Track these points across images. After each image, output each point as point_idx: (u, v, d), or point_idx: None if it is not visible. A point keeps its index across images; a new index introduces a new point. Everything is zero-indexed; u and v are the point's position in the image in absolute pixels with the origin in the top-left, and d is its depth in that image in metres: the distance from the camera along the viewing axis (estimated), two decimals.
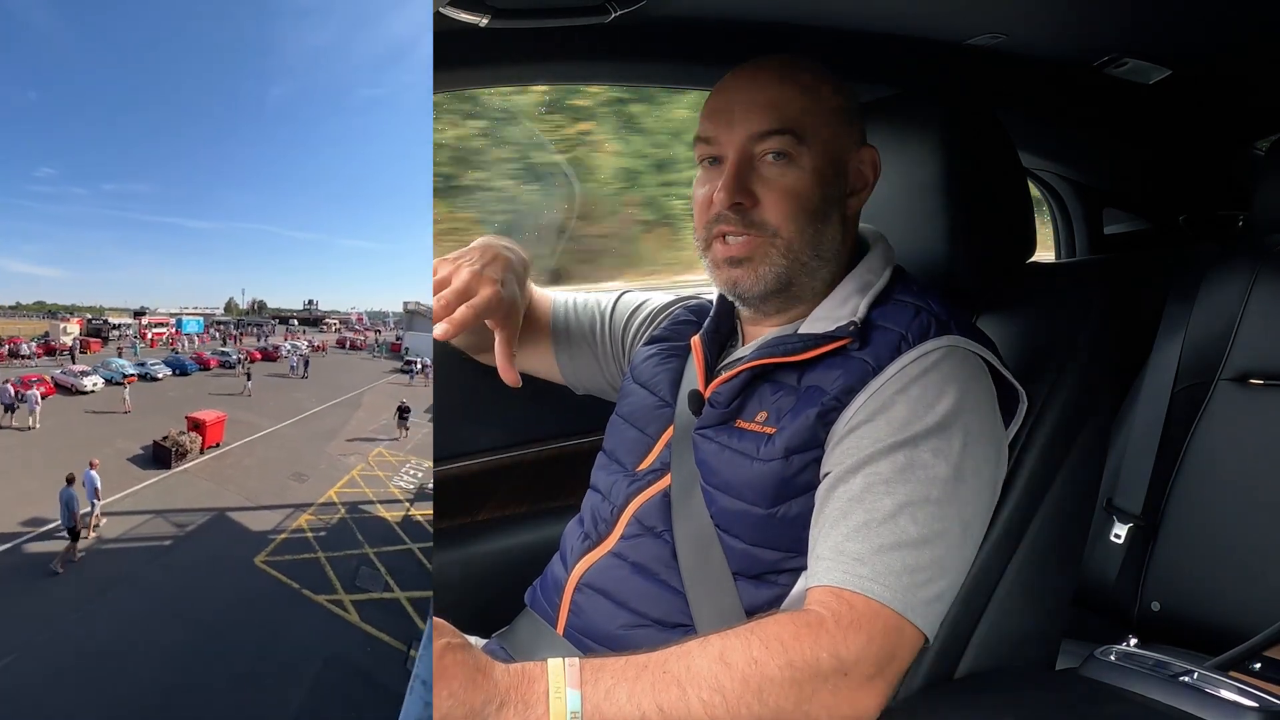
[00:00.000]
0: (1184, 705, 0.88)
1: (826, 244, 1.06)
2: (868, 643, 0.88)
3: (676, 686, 0.84)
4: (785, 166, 1.03)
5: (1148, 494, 1.62)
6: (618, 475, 1.12)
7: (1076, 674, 0.97)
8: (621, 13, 1.15)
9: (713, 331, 1.14)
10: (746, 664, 0.84)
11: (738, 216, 1.03)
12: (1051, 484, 1.09)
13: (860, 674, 0.87)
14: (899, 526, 0.91)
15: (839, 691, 0.86)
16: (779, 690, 0.84)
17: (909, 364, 0.98)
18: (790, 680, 0.84)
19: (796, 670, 0.85)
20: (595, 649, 1.06)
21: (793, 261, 1.04)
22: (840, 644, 0.87)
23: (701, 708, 0.83)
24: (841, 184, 1.06)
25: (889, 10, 1.37)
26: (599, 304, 1.34)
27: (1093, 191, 2.01)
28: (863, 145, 1.08)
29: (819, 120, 1.04)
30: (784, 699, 0.84)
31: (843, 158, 1.06)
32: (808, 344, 1.03)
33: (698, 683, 0.84)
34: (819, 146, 1.03)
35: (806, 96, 1.04)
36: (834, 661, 0.86)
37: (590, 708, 0.83)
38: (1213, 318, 1.63)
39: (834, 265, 1.08)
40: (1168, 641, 1.54)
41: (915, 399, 0.96)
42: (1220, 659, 1.00)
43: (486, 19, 1.10)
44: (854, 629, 0.88)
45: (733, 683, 0.84)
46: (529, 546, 1.43)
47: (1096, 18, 1.45)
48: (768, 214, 1.03)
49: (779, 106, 1.02)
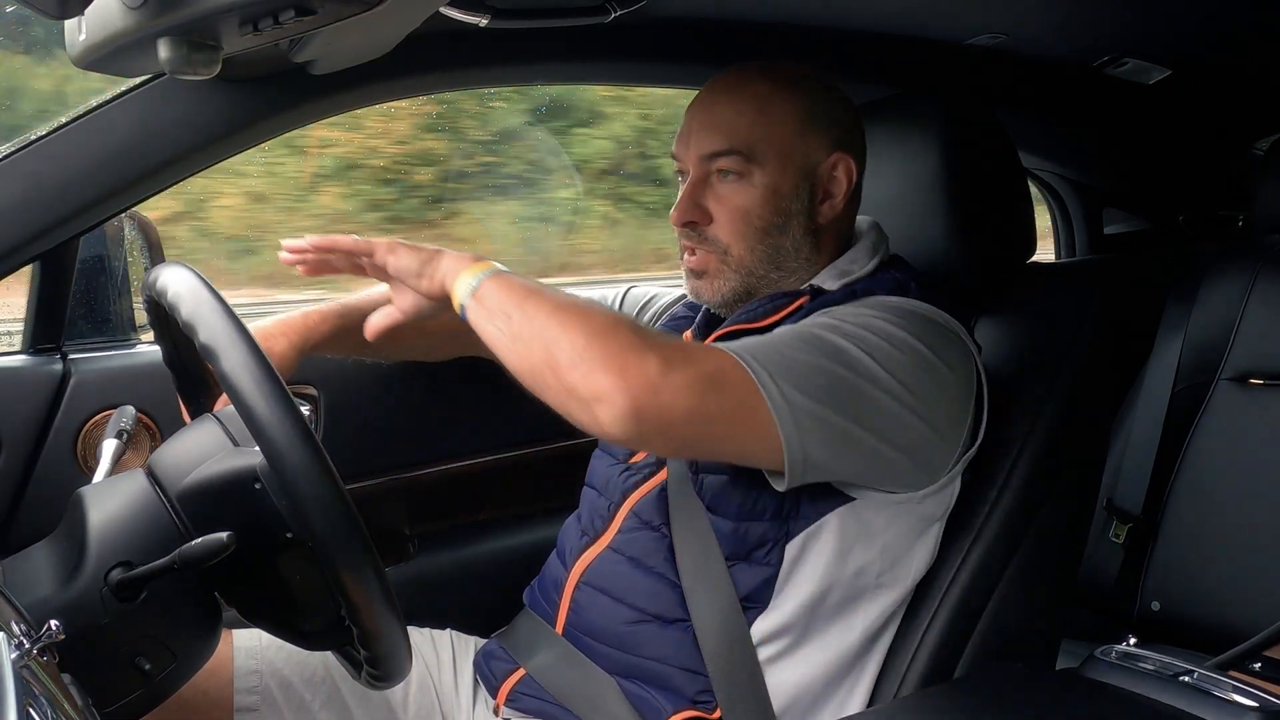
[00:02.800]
0: (1184, 705, 0.88)
1: (787, 255, 1.07)
2: (708, 360, 0.90)
3: (551, 294, 0.91)
4: (736, 184, 1.05)
5: (1148, 494, 1.62)
6: (613, 469, 1.13)
7: (1076, 674, 0.98)
8: (621, 13, 1.15)
9: (703, 325, 1.15)
10: (613, 319, 0.90)
11: (693, 233, 1.07)
12: (1051, 484, 1.09)
13: (677, 362, 0.87)
14: (790, 360, 0.91)
15: (633, 351, 0.86)
16: (604, 329, 0.87)
17: (857, 296, 1.02)
18: (625, 337, 0.87)
19: (639, 337, 0.88)
20: (596, 647, 1.06)
21: (746, 275, 1.07)
22: (693, 352, 0.94)
23: (553, 306, 0.89)
24: (805, 195, 1.06)
25: (889, 10, 1.37)
26: (604, 298, 1.35)
27: (1093, 191, 2.01)
28: (836, 151, 1.07)
29: (771, 135, 1.04)
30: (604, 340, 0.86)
31: (807, 167, 1.06)
32: (769, 309, 1.05)
33: (564, 298, 0.91)
34: (773, 162, 1.04)
35: (758, 112, 1.04)
36: (671, 350, 0.89)
37: (484, 287, 0.91)
38: (1213, 318, 1.63)
39: (805, 271, 1.09)
40: (1168, 641, 1.54)
41: (856, 310, 0.98)
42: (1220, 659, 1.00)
43: (486, 19, 1.10)
44: (708, 354, 0.92)
45: (585, 314, 0.88)
46: (529, 546, 1.43)
47: (1096, 18, 1.45)
48: (719, 231, 1.06)
49: (728, 126, 1.04)
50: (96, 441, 1.11)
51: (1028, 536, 1.08)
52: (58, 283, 1.23)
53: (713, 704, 1.01)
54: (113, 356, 1.28)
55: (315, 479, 0.70)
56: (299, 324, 1.15)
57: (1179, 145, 1.93)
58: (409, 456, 1.42)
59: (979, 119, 1.21)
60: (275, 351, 1.11)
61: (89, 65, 0.94)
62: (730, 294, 1.08)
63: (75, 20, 0.87)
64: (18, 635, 0.63)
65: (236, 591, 0.84)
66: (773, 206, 1.05)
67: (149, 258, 1.33)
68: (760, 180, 1.04)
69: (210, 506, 0.80)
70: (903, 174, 1.19)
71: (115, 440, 1.02)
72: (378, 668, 0.79)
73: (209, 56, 0.80)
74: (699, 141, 1.06)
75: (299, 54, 1.01)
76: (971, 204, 1.17)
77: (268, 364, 0.72)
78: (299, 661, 1.13)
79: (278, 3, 0.72)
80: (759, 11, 1.32)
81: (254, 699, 1.11)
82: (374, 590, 0.72)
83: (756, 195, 1.04)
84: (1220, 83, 1.74)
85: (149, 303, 0.90)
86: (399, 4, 0.78)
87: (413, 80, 1.25)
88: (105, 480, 0.92)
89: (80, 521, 0.81)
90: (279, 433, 0.70)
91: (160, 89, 1.10)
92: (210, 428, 0.85)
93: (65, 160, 1.08)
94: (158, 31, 0.76)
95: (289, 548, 0.79)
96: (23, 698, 0.52)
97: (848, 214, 1.11)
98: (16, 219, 1.07)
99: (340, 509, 0.71)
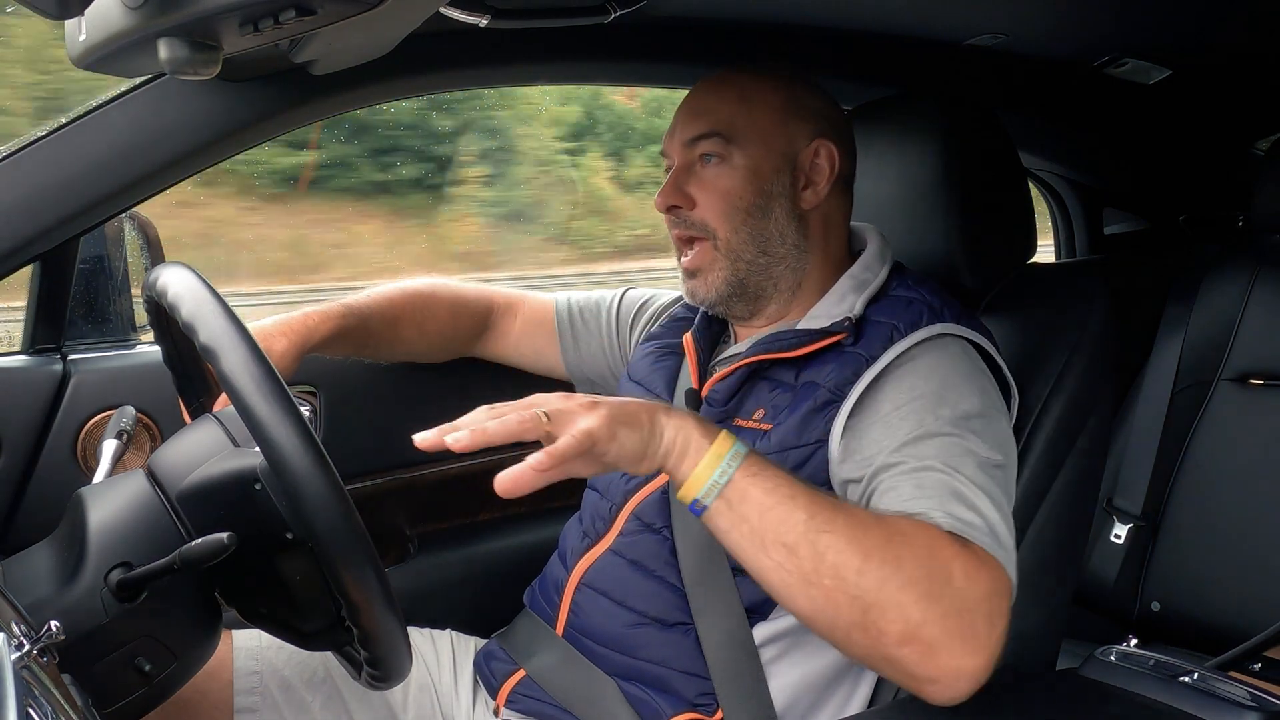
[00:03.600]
0: (1184, 705, 0.88)
1: (772, 239, 1.07)
2: (991, 584, 0.81)
3: (829, 503, 0.81)
4: (717, 167, 1.06)
5: (1148, 494, 1.62)
6: (615, 472, 1.12)
7: (1076, 674, 0.98)
8: (621, 13, 1.15)
9: (704, 328, 1.15)
10: (895, 529, 0.80)
11: (679, 219, 1.08)
12: (1051, 484, 1.09)
13: (982, 617, 0.79)
14: (955, 489, 0.86)
15: (961, 619, 0.78)
16: (914, 566, 0.78)
17: (901, 354, 0.98)
18: (928, 568, 0.78)
19: (935, 564, 0.79)
20: (596, 649, 1.06)
21: (735, 260, 1.07)
22: (972, 570, 0.80)
23: (846, 529, 0.78)
24: (786, 179, 1.07)
25: (889, 10, 1.37)
26: (603, 299, 1.36)
27: (1093, 191, 2.01)
28: (817, 138, 1.08)
29: (752, 119, 1.06)
30: (915, 576, 0.77)
31: (788, 152, 1.07)
32: (802, 339, 1.03)
33: (848, 512, 0.81)
34: (753, 144, 1.06)
35: (739, 98, 1.07)
36: (965, 583, 0.79)
37: (750, 468, 0.80)
38: (1213, 318, 1.63)
39: (794, 259, 1.09)
40: (1168, 641, 1.54)
41: (924, 392, 0.95)
42: (1220, 659, 1.00)
43: (486, 19, 1.10)
44: (981, 565, 0.81)
45: (878, 532, 0.79)
46: (529, 547, 1.42)
47: (1096, 18, 1.45)
48: (704, 213, 1.07)
49: (710, 111, 1.07)
50: (96, 441, 1.11)
51: (1028, 536, 1.08)
52: (58, 283, 1.23)
53: (713, 706, 1.00)
54: (113, 356, 1.28)
55: (316, 481, 0.70)
56: (299, 324, 1.15)
57: (1179, 145, 1.93)
58: (409, 456, 1.41)
59: (979, 119, 1.21)
60: (275, 351, 1.11)
61: (89, 65, 0.94)
62: (724, 286, 1.08)
63: (75, 20, 0.87)
64: (18, 635, 0.63)
65: (236, 592, 0.84)
66: (754, 187, 1.06)
67: (149, 258, 1.33)
68: (740, 161, 1.06)
69: (210, 507, 0.79)
70: (903, 174, 1.19)
71: (115, 440, 1.02)
72: (378, 668, 0.78)
73: (209, 56, 0.79)
74: (683, 129, 1.08)
75: (299, 54, 1.01)
76: (971, 204, 1.17)
77: (269, 365, 0.72)
78: (299, 662, 1.13)
79: (278, 3, 0.72)
80: (758, 11, 1.32)
81: (254, 699, 1.11)
82: (375, 592, 0.72)
83: (738, 176, 1.06)
84: (1220, 83, 1.74)
85: (149, 303, 0.90)
86: (399, 4, 0.77)
87: (413, 80, 1.25)
88: (105, 480, 0.92)
89: (80, 522, 0.81)
90: (280, 434, 0.70)
91: (160, 89, 1.10)
92: (210, 428, 0.85)
93: (65, 160, 1.08)
94: (158, 31, 0.76)
95: (289, 548, 0.79)
96: (23, 698, 0.52)
97: (836, 205, 1.11)
98: (16, 219, 1.07)
99: (341, 511, 0.71)
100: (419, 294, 1.30)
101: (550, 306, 1.35)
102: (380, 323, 1.25)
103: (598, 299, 1.35)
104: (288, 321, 1.15)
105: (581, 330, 1.33)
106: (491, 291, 1.38)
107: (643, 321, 1.31)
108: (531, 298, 1.38)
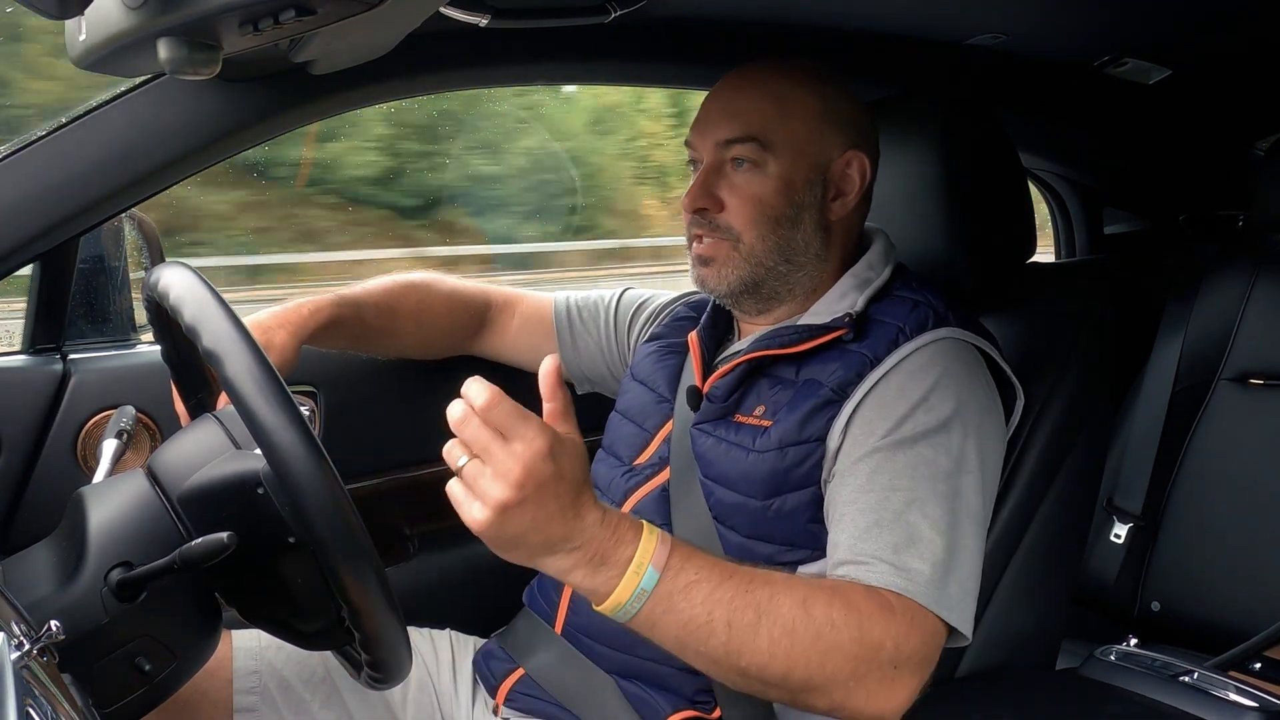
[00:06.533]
0: (1184, 705, 0.88)
1: (797, 249, 1.06)
2: (921, 643, 0.87)
3: (753, 611, 0.81)
4: (750, 173, 1.05)
5: (1148, 494, 1.62)
6: (615, 470, 1.13)
7: (1076, 674, 0.98)
8: (621, 13, 1.15)
9: (709, 327, 1.15)
10: (825, 622, 0.83)
11: (705, 220, 1.06)
12: (1051, 484, 1.09)
13: (908, 670, 0.86)
14: (910, 523, 0.90)
15: (885, 681, 0.84)
16: (841, 659, 0.82)
17: (905, 357, 0.99)
18: (855, 655, 0.83)
19: (864, 648, 0.83)
20: (595, 647, 1.06)
21: (755, 266, 1.06)
22: (903, 637, 0.85)
23: (768, 644, 0.81)
24: (818, 190, 1.06)
25: (889, 10, 1.37)
26: (602, 298, 1.35)
27: (1093, 191, 2.01)
28: (850, 149, 1.07)
29: (789, 127, 1.05)
30: (841, 669, 0.83)
31: (821, 163, 1.06)
32: (803, 335, 1.03)
33: (774, 618, 0.81)
34: (789, 153, 1.04)
35: (776, 103, 1.05)
36: (894, 652, 0.85)
37: (663, 594, 0.79)
38: (1213, 318, 1.63)
39: (814, 268, 1.09)
40: (1168, 641, 1.54)
41: (913, 393, 0.96)
42: (1220, 659, 1.00)
43: (486, 19, 1.10)
44: (914, 627, 0.87)
45: (806, 633, 0.82)
46: None
47: (1096, 18, 1.45)
48: (732, 219, 1.06)
49: (746, 114, 1.05)
50: (96, 441, 1.11)
51: (1028, 536, 1.08)
52: (58, 283, 1.23)
53: (711, 704, 1.01)
54: (113, 356, 1.28)
55: (320, 488, 0.70)
56: (295, 315, 1.15)
57: (1179, 145, 1.93)
58: (409, 456, 1.41)
59: (979, 119, 1.21)
60: (275, 344, 1.11)
61: (89, 65, 0.94)
62: (738, 283, 1.07)
63: (75, 20, 0.87)
64: (18, 635, 0.63)
65: (236, 592, 0.84)
66: (786, 198, 1.05)
67: (149, 258, 1.33)
68: (774, 170, 1.04)
69: (213, 509, 0.79)
70: (903, 174, 1.19)
71: (115, 440, 1.02)
72: (378, 669, 0.79)
73: (209, 56, 0.79)
74: (716, 128, 1.06)
75: (299, 54, 1.01)
76: (971, 204, 1.17)
77: (272, 370, 0.72)
78: (299, 661, 1.13)
79: (278, 3, 0.72)
80: (759, 11, 1.32)
81: (253, 699, 1.11)
82: (377, 596, 0.73)
83: (770, 185, 1.04)
84: (1220, 83, 1.74)
85: (149, 303, 0.90)
86: (399, 4, 0.77)
87: (413, 80, 1.25)
88: (105, 480, 0.92)
89: (80, 521, 0.81)
90: (284, 440, 0.70)
91: (160, 89, 1.10)
92: (211, 429, 0.85)
93: (65, 160, 1.08)
94: (158, 31, 0.76)
95: (290, 551, 0.79)
96: (23, 698, 0.52)
97: (859, 214, 1.11)
98: (16, 219, 1.07)
99: (344, 516, 0.71)
100: (415, 286, 1.30)
101: (549, 305, 1.35)
102: (376, 314, 1.25)
103: (596, 298, 1.35)
104: (283, 313, 1.15)
105: (579, 329, 1.33)
106: (489, 288, 1.38)
107: (641, 321, 1.31)
108: (530, 296, 1.38)
